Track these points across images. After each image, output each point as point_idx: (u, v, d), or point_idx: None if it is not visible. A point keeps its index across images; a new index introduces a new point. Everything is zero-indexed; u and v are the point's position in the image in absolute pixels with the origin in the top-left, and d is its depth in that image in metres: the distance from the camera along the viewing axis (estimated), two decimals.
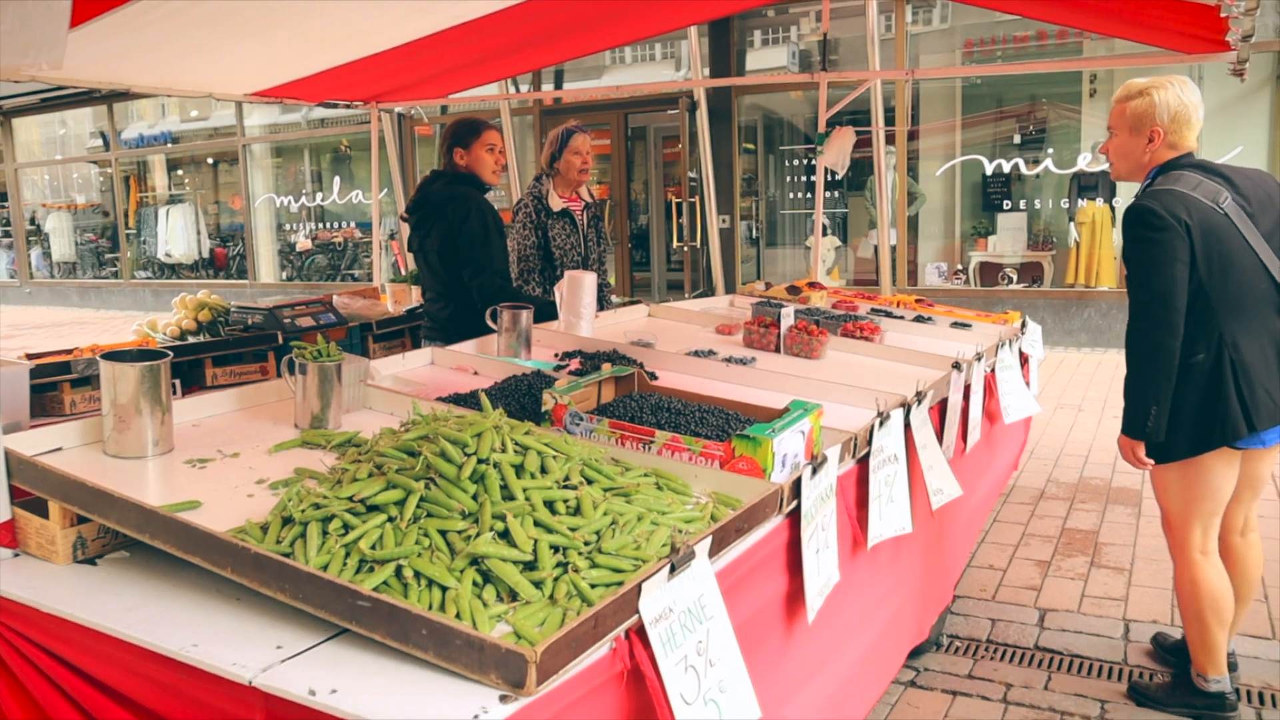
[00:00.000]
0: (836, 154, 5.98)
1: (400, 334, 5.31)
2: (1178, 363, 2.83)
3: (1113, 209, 10.40)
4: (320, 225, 15.68)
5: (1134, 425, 2.93)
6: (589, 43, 7.20)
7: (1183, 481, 2.99)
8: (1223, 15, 3.87)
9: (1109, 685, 3.33)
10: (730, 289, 5.28)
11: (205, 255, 16.84)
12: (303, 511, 1.61)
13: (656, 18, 6.15)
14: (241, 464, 2.04)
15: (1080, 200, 10.53)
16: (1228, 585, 3.06)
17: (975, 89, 11.39)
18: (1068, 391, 8.00)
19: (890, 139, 10.66)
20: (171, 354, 2.08)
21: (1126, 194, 10.33)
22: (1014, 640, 3.67)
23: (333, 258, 15.47)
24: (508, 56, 6.39)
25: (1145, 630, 3.70)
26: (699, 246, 12.03)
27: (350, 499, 1.64)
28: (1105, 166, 10.26)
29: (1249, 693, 3.26)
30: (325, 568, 1.50)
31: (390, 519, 1.61)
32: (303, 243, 15.59)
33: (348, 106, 7.05)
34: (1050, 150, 10.86)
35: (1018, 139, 11.09)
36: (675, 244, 12.50)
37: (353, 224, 15.36)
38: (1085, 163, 10.54)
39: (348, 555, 1.53)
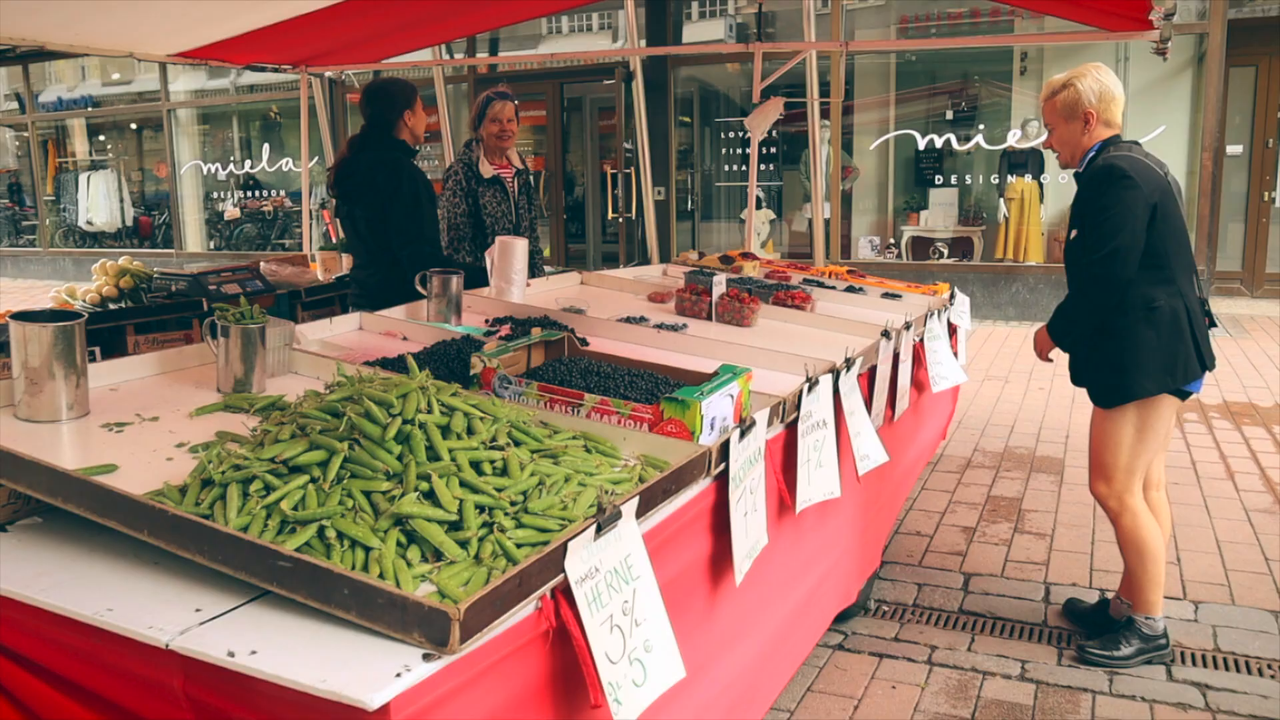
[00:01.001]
0: (761, 120, 6.00)
1: (330, 302, 5.22)
2: (1125, 308, 3.12)
3: (1041, 186, 10.59)
4: (250, 194, 15.32)
5: (1060, 336, 3.34)
6: (524, 8, 7.12)
7: (1139, 423, 3.19)
8: None
9: (1029, 645, 3.42)
10: (665, 261, 5.28)
11: (129, 224, 16.37)
12: (223, 473, 1.58)
13: None
14: (161, 428, 1.99)
15: (1010, 176, 10.71)
16: (1158, 528, 3.32)
17: (910, 65, 11.50)
18: (995, 363, 8.17)
19: (825, 113, 10.73)
20: (86, 315, 2.01)
21: (1053, 171, 10.54)
22: (939, 604, 3.76)
23: (262, 227, 15.14)
24: (441, 21, 6.29)
25: (1065, 592, 3.80)
26: (634, 218, 12.02)
27: (272, 460, 1.61)
28: (1035, 143, 10.51)
29: None
30: (246, 529, 1.47)
31: (313, 480, 1.58)
32: (231, 211, 15.23)
33: (276, 70, 6.88)
34: (981, 127, 11.02)
35: (950, 115, 11.24)
36: (610, 215, 12.47)
37: (283, 193, 15.04)
38: (1015, 140, 10.72)
39: (269, 517, 1.51)
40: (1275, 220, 11.23)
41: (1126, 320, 3.13)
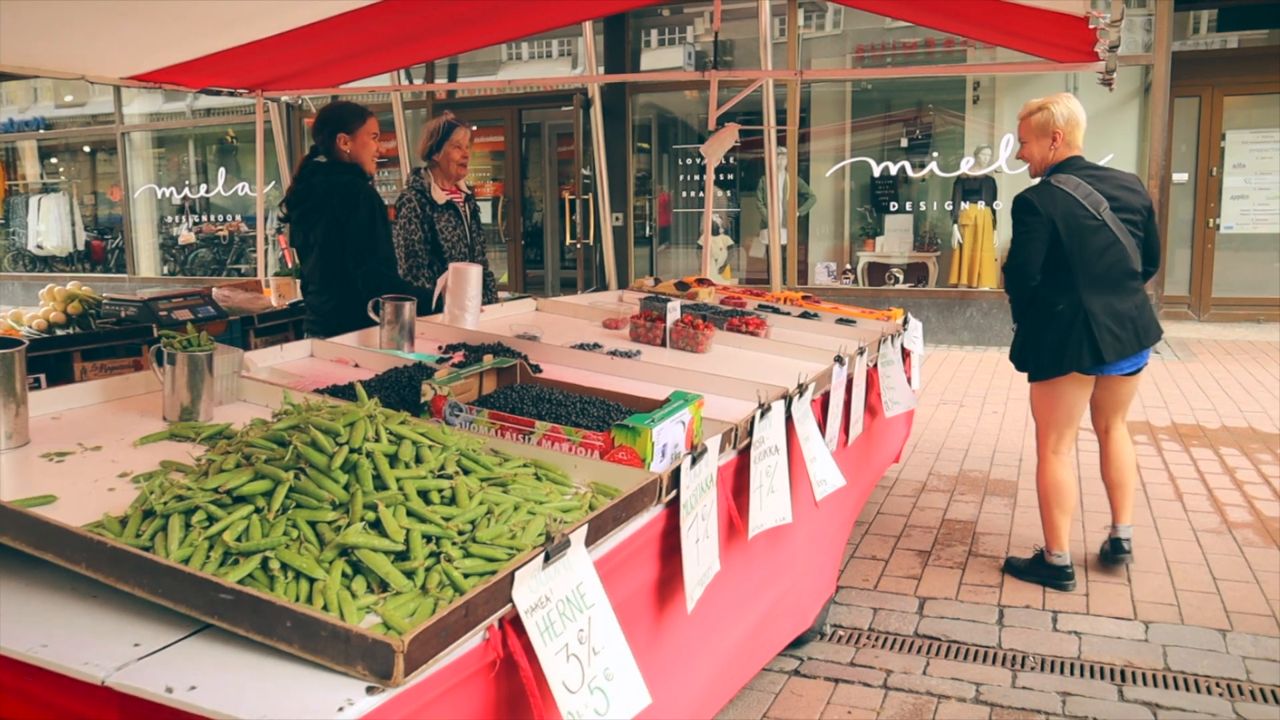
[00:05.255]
0: (717, 147, 6.05)
1: (284, 328, 5.17)
2: (1037, 306, 3.92)
3: (994, 212, 10.77)
4: (205, 218, 15.17)
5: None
6: (482, 35, 7.12)
7: (1045, 396, 4.03)
8: (1091, 27, 4.03)
9: (984, 668, 3.44)
10: (623, 287, 5.30)
11: (81, 248, 16.12)
12: (165, 504, 1.56)
13: (550, 12, 6.12)
14: (103, 457, 1.96)
15: (963, 203, 10.88)
16: (1072, 482, 4.07)
17: (865, 93, 11.67)
18: (950, 388, 8.25)
19: (782, 140, 10.85)
20: (27, 342, 1.98)
21: (1006, 198, 10.72)
22: (895, 628, 3.77)
23: (218, 252, 14.97)
24: (399, 47, 6.28)
25: (1018, 615, 3.83)
26: (592, 244, 12.04)
27: (216, 490, 1.59)
28: (987, 170, 10.70)
29: (1110, 670, 3.41)
30: (187, 561, 1.45)
31: (258, 510, 1.56)
32: (185, 236, 15.05)
33: (231, 94, 6.84)
34: (935, 154, 11.19)
35: (905, 143, 11.40)
36: (569, 241, 12.49)
37: (238, 217, 14.90)
38: (969, 167, 10.89)
39: (211, 548, 1.49)
40: (1220, 246, 11.50)
41: (1035, 317, 3.94)
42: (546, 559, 1.52)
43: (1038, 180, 3.97)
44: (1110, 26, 3.94)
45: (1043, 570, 4.06)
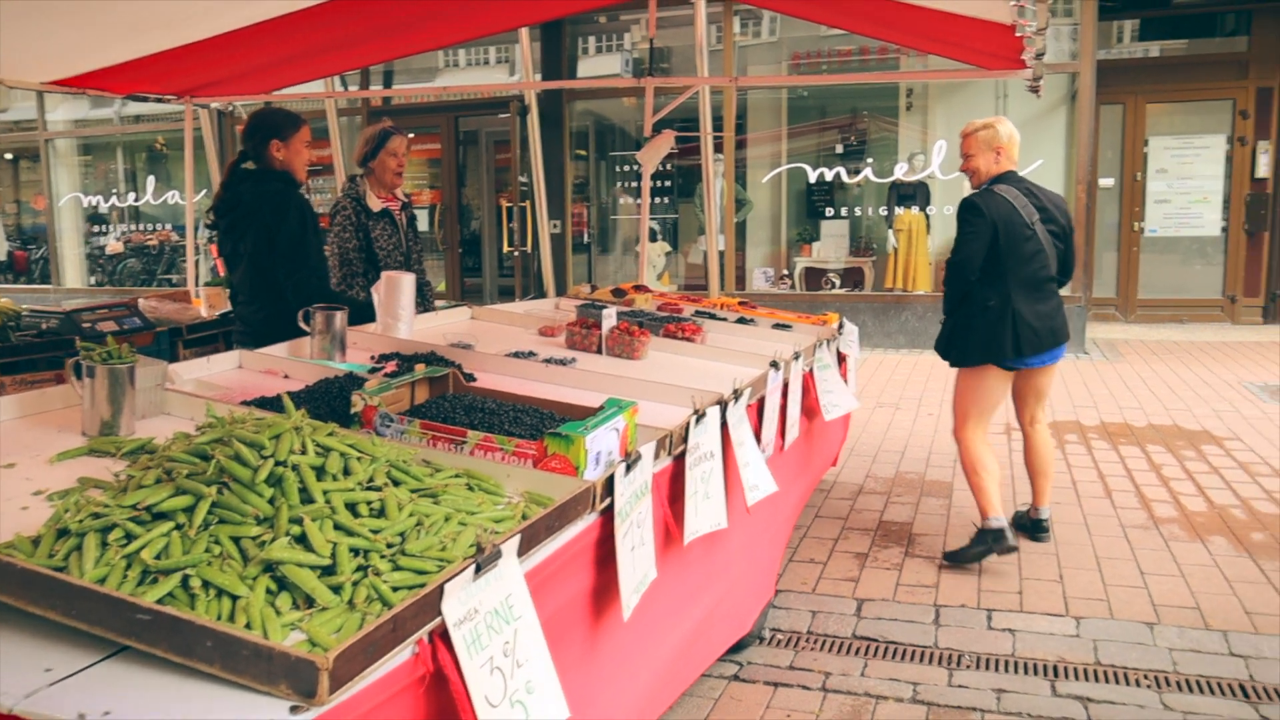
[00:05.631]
0: (653, 154, 6.07)
1: (214, 339, 5.07)
2: (969, 301, 4.29)
3: (928, 217, 10.93)
4: (134, 227, 14.84)
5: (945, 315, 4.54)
6: (418, 41, 7.07)
7: (968, 383, 4.40)
8: (1018, 35, 4.11)
9: (921, 668, 3.48)
10: (561, 294, 5.28)
11: (3, 258, 15.67)
12: (80, 522, 1.51)
13: (485, 18, 6.10)
14: (17, 475, 1.90)
15: (898, 208, 11.03)
16: (992, 456, 4.42)
17: (801, 100, 11.79)
18: (886, 390, 8.36)
19: (719, 147, 10.91)
20: None
21: (939, 203, 10.90)
22: (833, 630, 3.80)
23: (148, 262, 14.65)
24: (333, 53, 6.20)
25: (954, 614, 3.89)
26: (530, 252, 12.00)
27: (134, 507, 1.54)
28: (921, 176, 10.87)
29: (1043, 666, 3.47)
30: (103, 581, 1.40)
31: (178, 527, 1.52)
32: (113, 245, 14.70)
33: (159, 100, 6.69)
34: (870, 160, 11.34)
35: (840, 149, 11.54)
36: (506, 249, 12.42)
37: (169, 226, 14.60)
38: (903, 172, 11.05)
39: (129, 567, 1.44)
40: (1145, 249, 11.81)
41: (968, 311, 4.30)
42: (478, 570, 1.50)
43: (980, 188, 4.35)
44: (1036, 34, 4.02)
45: (984, 538, 4.28)
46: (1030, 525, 4.66)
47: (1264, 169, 11.25)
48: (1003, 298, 4.21)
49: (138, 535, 1.49)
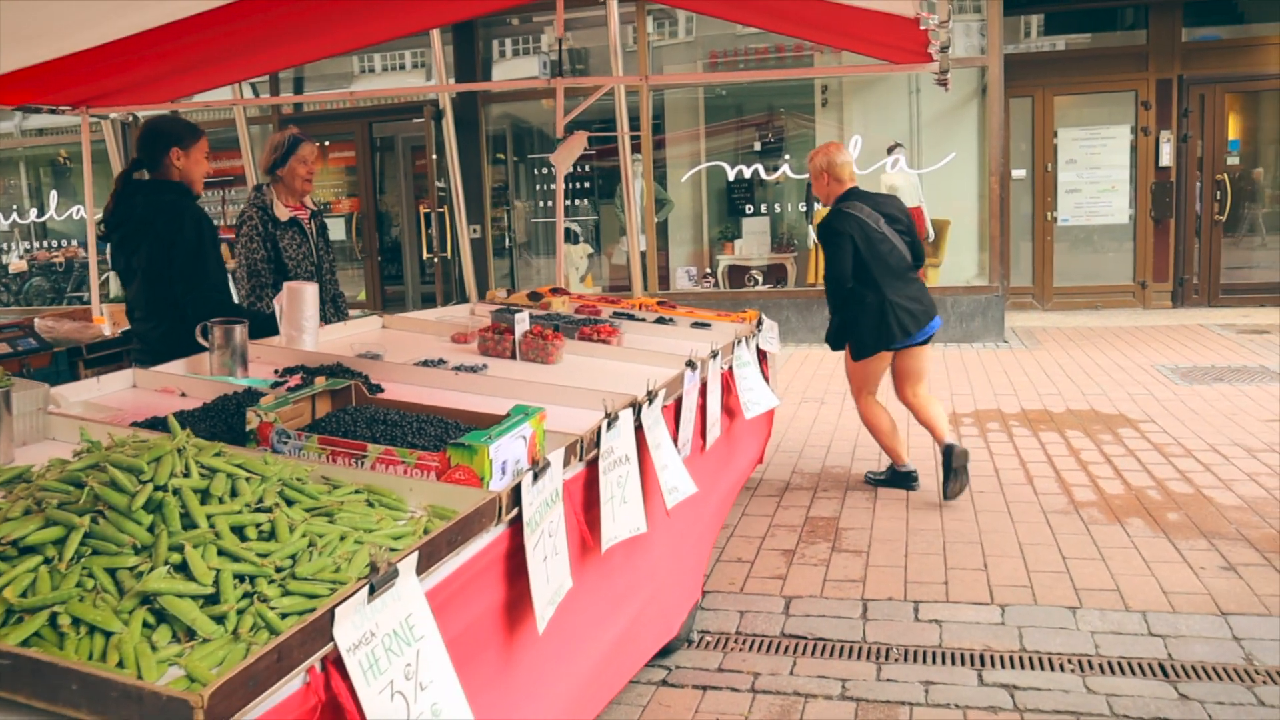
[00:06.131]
0: (566, 155, 6.02)
1: (118, 358, 4.87)
2: (850, 301, 5.06)
3: None
4: (39, 244, 14.32)
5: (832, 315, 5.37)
6: (326, 45, 6.90)
7: (860, 368, 5.19)
8: (922, 28, 4.14)
9: (849, 664, 3.47)
10: (482, 299, 5.20)
11: None
12: None
13: (391, 20, 5.97)
14: None
15: (816, 204, 11.11)
16: (887, 415, 5.27)
17: (719, 99, 11.82)
18: (811, 386, 8.40)
19: (637, 147, 10.88)
20: None
21: None
22: (762, 630, 3.77)
23: (55, 280, 14.14)
24: (239, 58, 6.01)
25: (881, 608, 3.89)
26: (451, 258, 11.85)
27: None
28: None
29: (969, 656, 3.49)
30: None
31: (48, 561, 1.42)
32: (16, 264, 14.18)
33: (53, 111, 6.43)
34: (788, 157, 11.41)
35: (758, 146, 11.60)
36: (426, 255, 12.25)
37: (75, 242, 14.13)
38: None
39: None
40: (1059, 238, 12.07)
41: (852, 310, 5.07)
42: (372, 591, 1.43)
43: (830, 208, 5.19)
44: (939, 27, 4.04)
45: (896, 478, 5.36)
46: (944, 458, 5.07)
47: (1167, 158, 11.57)
48: (877, 293, 4.98)
49: (2, 572, 1.39)
